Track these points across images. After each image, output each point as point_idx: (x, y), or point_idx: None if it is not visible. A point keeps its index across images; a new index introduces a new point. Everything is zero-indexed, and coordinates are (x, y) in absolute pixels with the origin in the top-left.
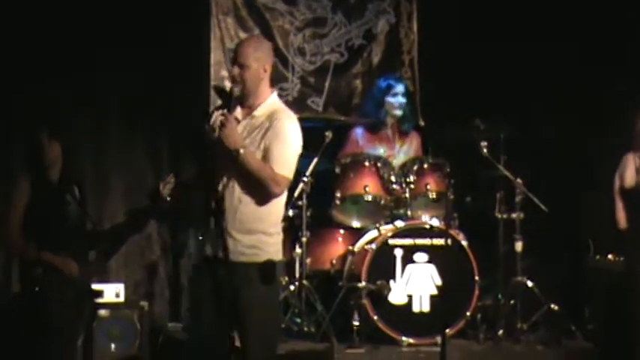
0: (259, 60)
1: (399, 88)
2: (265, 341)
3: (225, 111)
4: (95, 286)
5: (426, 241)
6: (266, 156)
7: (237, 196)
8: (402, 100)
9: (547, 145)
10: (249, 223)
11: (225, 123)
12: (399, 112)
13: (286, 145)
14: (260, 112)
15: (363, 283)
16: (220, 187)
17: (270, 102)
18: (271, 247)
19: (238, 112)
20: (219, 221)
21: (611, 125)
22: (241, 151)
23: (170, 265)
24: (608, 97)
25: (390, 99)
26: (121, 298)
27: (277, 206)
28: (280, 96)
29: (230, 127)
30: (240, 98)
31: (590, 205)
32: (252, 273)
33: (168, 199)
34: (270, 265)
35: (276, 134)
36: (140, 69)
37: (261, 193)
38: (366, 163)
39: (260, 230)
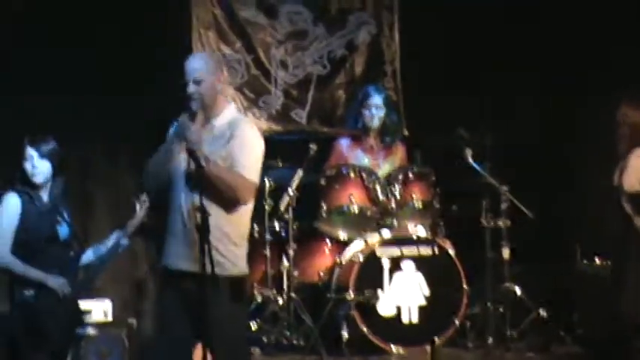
0: (212, 72)
1: (374, 99)
2: (237, 356)
3: (190, 123)
4: (83, 305)
5: (413, 251)
6: (232, 164)
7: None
8: (375, 112)
9: (532, 151)
10: (218, 234)
11: (193, 134)
12: (375, 124)
13: (252, 152)
14: (219, 122)
15: (351, 295)
16: (203, 203)
17: (228, 112)
18: (239, 259)
19: (196, 125)
20: (205, 237)
21: (594, 130)
22: (204, 163)
23: (158, 282)
24: (591, 102)
25: (364, 111)
26: (109, 317)
27: (245, 217)
28: (263, 109)
29: (199, 136)
30: (196, 112)
31: (576, 209)
32: (222, 286)
33: (145, 219)
34: (240, 278)
35: (241, 142)
36: (124, 88)
37: (230, 201)
38: (351, 174)
39: (230, 242)
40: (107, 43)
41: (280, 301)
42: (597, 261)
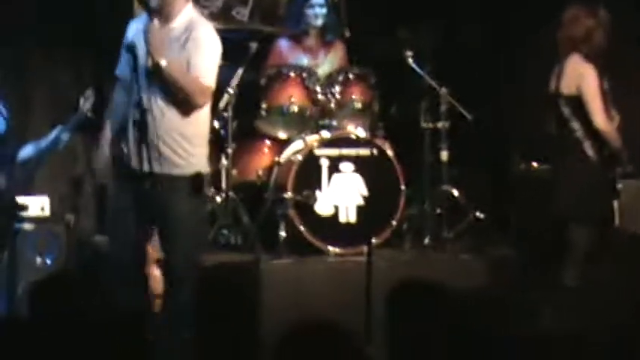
0: None
1: None
2: (192, 254)
3: (149, 21)
4: (20, 200)
5: (352, 151)
6: (188, 66)
7: (160, 108)
8: (319, 10)
9: (472, 53)
10: (173, 134)
11: (151, 33)
12: (318, 23)
13: (208, 55)
14: (177, 23)
15: (289, 194)
16: (141, 100)
17: (186, 12)
18: (197, 158)
19: (155, 23)
20: (144, 133)
21: (536, 34)
22: (164, 62)
23: (96, 180)
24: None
25: (307, 10)
26: (47, 212)
27: (202, 117)
28: (204, 7)
29: (156, 36)
30: (157, 10)
31: (515, 113)
32: (179, 185)
33: (89, 114)
34: (198, 177)
35: (198, 44)
36: None
37: (185, 103)
38: (291, 74)
39: (185, 141)
40: None
41: (218, 200)
42: (534, 164)
